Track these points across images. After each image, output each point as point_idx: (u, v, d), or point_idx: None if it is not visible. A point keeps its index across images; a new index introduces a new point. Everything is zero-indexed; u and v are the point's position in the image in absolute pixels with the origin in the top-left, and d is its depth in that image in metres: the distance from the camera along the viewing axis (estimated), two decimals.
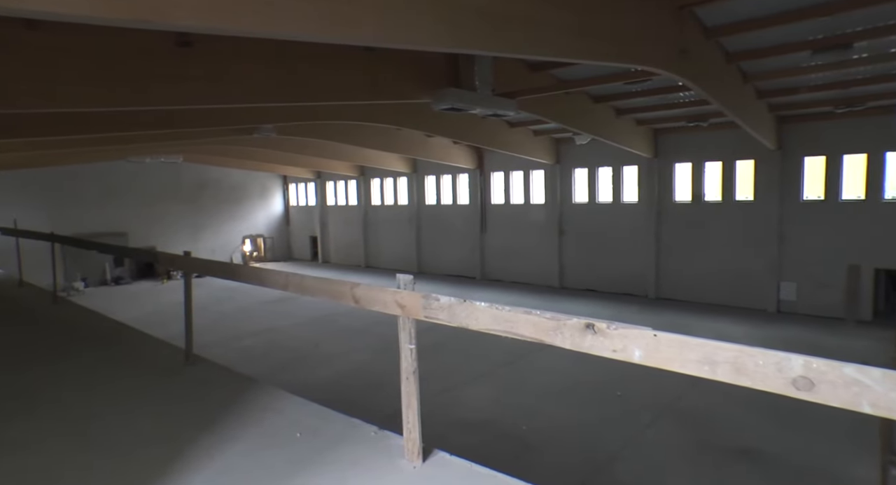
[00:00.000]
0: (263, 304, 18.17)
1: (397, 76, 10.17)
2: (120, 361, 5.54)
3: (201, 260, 5.16)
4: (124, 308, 17.72)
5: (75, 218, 24.48)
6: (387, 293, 3.05)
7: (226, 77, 8.66)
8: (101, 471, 3.25)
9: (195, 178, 29.47)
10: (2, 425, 4.02)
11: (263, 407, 4.02)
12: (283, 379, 10.16)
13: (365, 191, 29.32)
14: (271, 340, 14.08)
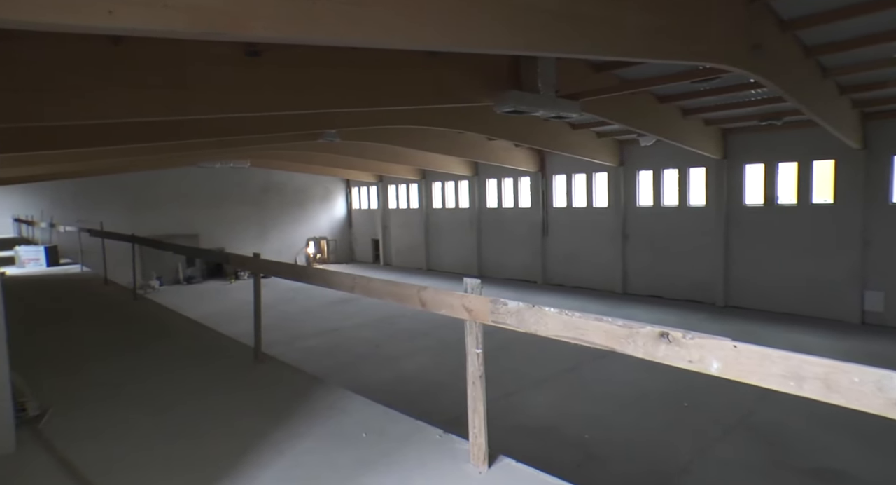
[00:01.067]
0: (326, 305, 18.60)
1: (460, 80, 10.21)
2: (194, 357, 5.81)
3: (270, 261, 5.33)
4: (195, 306, 18.53)
5: (152, 220, 25.85)
6: (454, 297, 3.05)
7: (293, 84, 8.93)
8: (180, 460, 3.40)
9: (261, 182, 30.56)
10: (90, 412, 4.27)
11: (330, 406, 4.10)
12: (345, 379, 10.35)
13: (426, 194, 29.56)
14: (334, 340, 14.39)
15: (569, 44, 6.18)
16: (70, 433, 3.88)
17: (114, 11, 4.07)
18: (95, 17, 4.06)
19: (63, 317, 8.31)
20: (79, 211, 23.22)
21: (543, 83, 10.51)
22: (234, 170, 26.83)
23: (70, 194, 24.85)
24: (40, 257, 15.12)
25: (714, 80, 10.96)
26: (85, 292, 10.79)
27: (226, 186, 29.18)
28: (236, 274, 27.49)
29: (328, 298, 18.91)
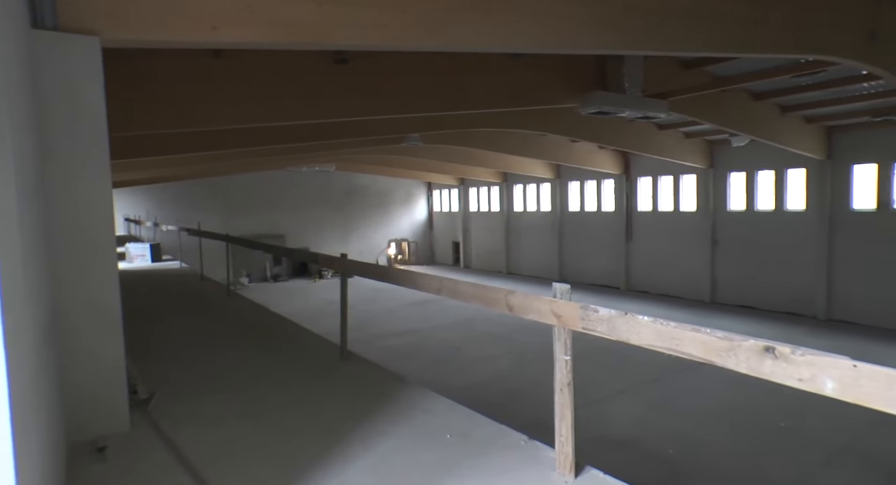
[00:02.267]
0: (406, 306, 18.91)
1: (543, 81, 10.10)
2: (284, 351, 6.07)
3: (357, 262, 5.47)
4: (282, 303, 19.34)
5: (242, 221, 27.27)
6: (543, 302, 3.00)
7: (378, 90, 9.16)
8: (271, 450, 3.55)
9: (345, 185, 31.55)
10: (190, 399, 4.56)
11: (413, 406, 4.15)
12: (425, 380, 10.45)
13: (507, 197, 29.46)
14: (414, 341, 14.60)
15: (664, 40, 5.97)
16: (173, 417, 4.16)
17: (217, 27, 4.35)
18: (201, 33, 4.36)
19: (165, 309, 8.92)
20: (178, 212, 24.91)
21: (630, 82, 10.22)
22: (319, 173, 27.85)
23: (171, 197, 26.69)
24: (146, 254, 16.30)
25: (819, 73, 10.25)
26: (184, 287, 11.53)
27: (311, 190, 30.35)
28: (320, 273, 28.51)
29: (408, 300, 19.21)
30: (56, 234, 3.69)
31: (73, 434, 3.71)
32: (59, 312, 3.67)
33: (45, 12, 3.70)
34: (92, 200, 3.85)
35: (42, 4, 3.68)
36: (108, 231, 3.97)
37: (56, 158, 3.69)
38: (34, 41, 3.60)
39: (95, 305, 3.84)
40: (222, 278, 11.93)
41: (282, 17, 4.41)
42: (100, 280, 3.87)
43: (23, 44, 3.18)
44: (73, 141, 3.77)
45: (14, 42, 2.69)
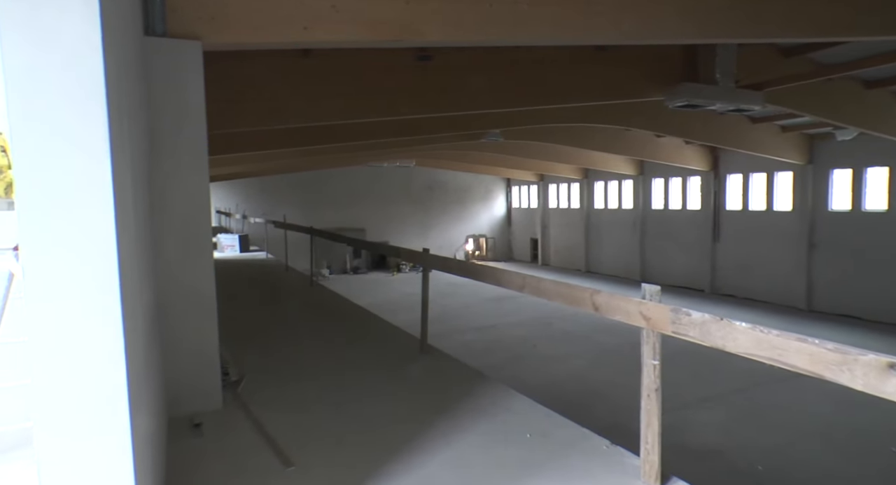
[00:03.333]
0: (483, 302, 18.92)
1: (628, 74, 9.75)
2: (366, 342, 6.23)
3: (439, 257, 5.51)
4: (361, 295, 19.81)
5: (324, 215, 28.13)
6: (631, 303, 2.90)
7: (459, 86, 9.16)
8: (353, 437, 3.66)
9: (425, 180, 31.92)
10: (276, 383, 4.78)
11: (494, 403, 4.14)
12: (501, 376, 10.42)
13: (587, 194, 28.81)
14: (491, 337, 14.59)
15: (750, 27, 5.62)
16: (260, 399, 4.38)
17: (308, 27, 4.51)
18: (293, 34, 4.53)
19: (253, 297, 9.37)
20: (264, 205, 26.07)
21: (722, 73, 9.66)
22: (400, 169, 28.35)
23: (258, 190, 27.96)
24: (235, 244, 17.20)
25: None
26: (270, 276, 12.08)
27: (392, 185, 30.94)
28: (398, 267, 29.04)
29: (485, 296, 19.22)
30: (161, 224, 3.95)
31: (173, 410, 3.97)
32: (163, 296, 3.93)
33: (155, 21, 3.97)
34: (192, 193, 4.10)
35: (154, 14, 3.95)
36: (206, 223, 4.23)
37: (162, 154, 3.95)
38: (146, 47, 3.87)
39: (194, 292, 4.10)
40: (305, 269, 12.40)
41: (371, 15, 4.51)
42: (198, 268, 4.12)
43: (138, 51, 3.42)
44: (176, 139, 4.03)
45: (133, 51, 2.90)
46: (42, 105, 1.80)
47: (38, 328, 1.83)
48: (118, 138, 2.01)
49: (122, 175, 2.09)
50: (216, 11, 4.20)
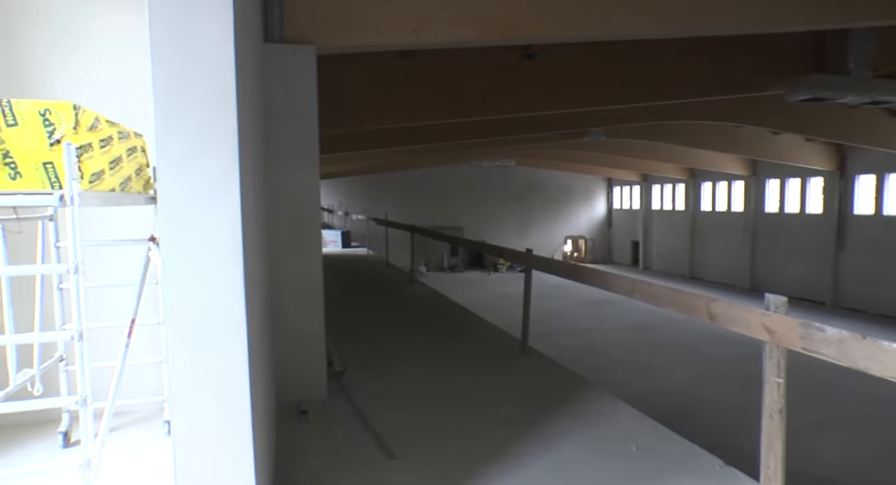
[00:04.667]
0: (582, 304, 18.48)
1: (745, 66, 9.05)
2: (465, 340, 6.26)
3: (542, 258, 5.43)
4: (457, 293, 19.84)
5: (423, 213, 28.58)
6: (752, 314, 2.69)
7: (563, 84, 8.97)
8: (453, 435, 3.68)
9: (524, 180, 31.65)
10: (378, 375, 4.91)
11: (596, 410, 4.02)
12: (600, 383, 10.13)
13: (693, 195, 27.36)
14: (589, 341, 14.21)
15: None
16: (363, 390, 4.51)
17: (418, 30, 4.58)
18: (403, 36, 4.63)
19: (355, 291, 9.70)
20: (365, 202, 26.96)
21: (856, 61, 8.72)
22: (499, 168, 28.33)
23: (359, 188, 28.96)
24: (338, 240, 17.93)
25: None
26: (371, 272, 12.46)
27: (491, 184, 30.96)
28: (495, 266, 29.03)
29: (583, 298, 18.75)
30: (274, 220, 4.16)
31: (281, 395, 4.18)
32: (274, 288, 4.15)
33: (274, 28, 4.19)
34: (304, 190, 4.30)
35: (273, 22, 4.18)
36: (315, 219, 4.43)
37: (277, 154, 4.16)
38: (264, 53, 4.09)
39: (304, 284, 4.30)
40: (404, 265, 12.68)
41: (481, 14, 4.51)
42: (308, 262, 4.32)
43: (258, 57, 3.63)
44: (290, 138, 4.23)
45: (255, 58, 3.09)
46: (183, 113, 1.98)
47: (173, 311, 2.00)
48: (244, 141, 2.15)
49: (246, 174, 2.22)
50: (330, 17, 4.38)
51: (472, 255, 30.35)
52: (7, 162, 2.47)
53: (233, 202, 2.00)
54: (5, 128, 2.43)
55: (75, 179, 2.42)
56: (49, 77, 3.97)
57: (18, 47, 3.93)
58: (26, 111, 2.44)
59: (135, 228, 3.92)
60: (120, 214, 3.98)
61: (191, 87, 1.96)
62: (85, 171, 2.57)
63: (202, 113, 1.97)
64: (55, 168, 2.50)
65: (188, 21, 1.94)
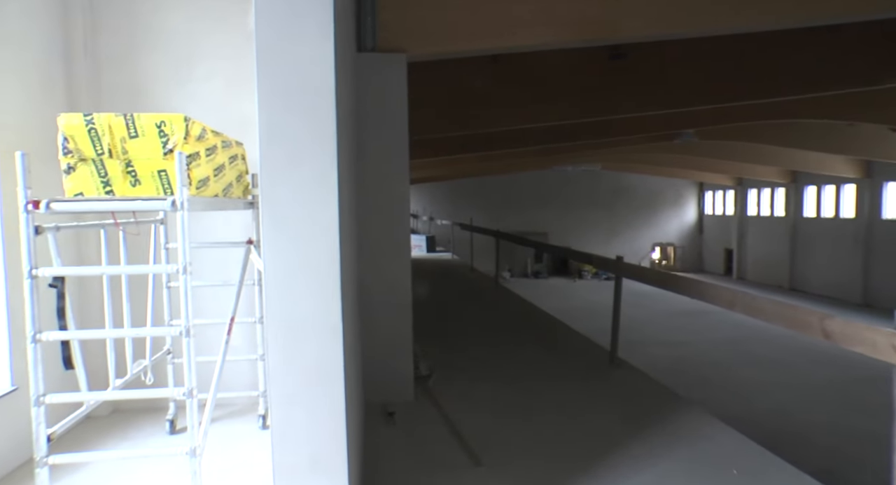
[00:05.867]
0: (670, 315, 17.71)
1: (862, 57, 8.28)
2: (551, 348, 6.15)
3: (633, 265, 5.24)
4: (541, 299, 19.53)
5: (506, 218, 28.37)
6: (880, 334, 2.44)
7: (654, 84, 8.63)
8: (540, 445, 3.61)
9: (611, 184, 30.79)
10: (465, 383, 4.90)
11: (693, 429, 3.80)
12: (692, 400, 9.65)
13: (795, 199, 25.54)
14: (678, 354, 13.57)
15: None
16: (450, 395, 4.52)
17: (507, 33, 4.56)
18: (501, 39, 4.62)
19: (440, 295, 9.77)
20: (449, 208, 27.19)
21: None
22: (585, 173, 27.69)
23: (443, 193, 29.22)
24: (422, 244, 18.17)
25: None
26: (456, 276, 12.53)
27: (576, 189, 30.36)
28: (580, 273, 28.42)
29: (674, 309, 17.96)
30: (365, 225, 4.25)
31: (368, 396, 4.26)
32: (364, 290, 4.24)
33: (367, 38, 4.30)
34: (394, 195, 4.38)
35: (366, 31, 4.28)
36: (405, 223, 4.50)
37: (368, 160, 4.26)
38: (357, 62, 4.21)
39: (393, 287, 4.37)
40: (488, 271, 12.65)
41: (574, 15, 4.42)
42: (397, 266, 4.39)
43: (352, 66, 3.74)
44: (381, 144, 4.32)
45: (349, 67, 3.18)
46: (285, 121, 2.08)
47: (272, 311, 2.09)
48: (341, 148, 2.21)
49: (342, 180, 2.29)
50: (421, 25, 4.44)
51: (556, 261, 29.86)
52: (129, 171, 2.68)
53: (331, 207, 2.07)
54: (129, 140, 2.64)
55: (185, 186, 2.59)
56: (162, 91, 4.28)
57: (139, 66, 4.26)
58: (146, 124, 2.64)
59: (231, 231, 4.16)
60: (218, 218, 4.23)
61: (293, 96, 2.05)
62: (193, 178, 2.74)
63: (303, 121, 2.05)
64: (168, 175, 2.68)
65: (292, 35, 2.03)
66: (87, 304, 3.93)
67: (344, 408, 2.11)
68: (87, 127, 2.60)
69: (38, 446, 2.57)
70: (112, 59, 4.23)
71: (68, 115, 2.62)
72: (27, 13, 3.79)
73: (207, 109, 4.02)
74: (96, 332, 3.63)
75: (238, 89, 4.29)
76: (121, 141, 2.63)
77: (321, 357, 2.10)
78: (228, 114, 4.17)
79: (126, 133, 2.63)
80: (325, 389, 2.10)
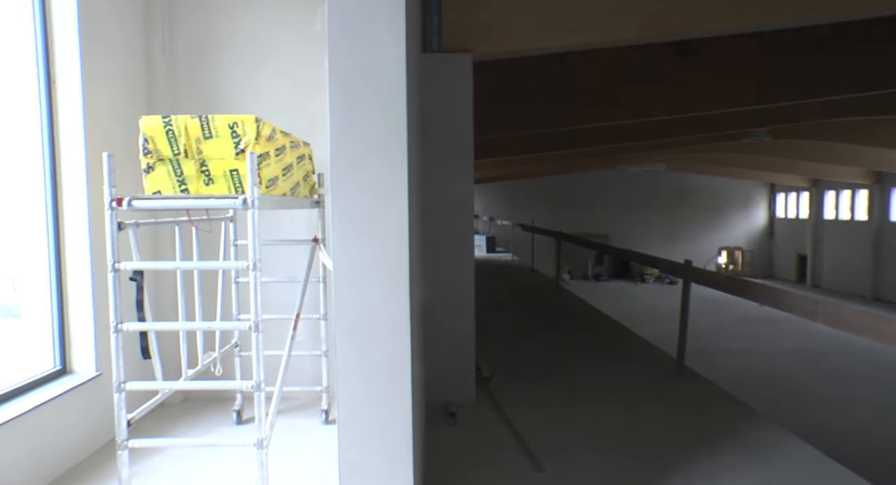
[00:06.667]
0: (737, 322, 16.96)
1: None
2: (613, 353, 6.00)
3: (703, 270, 5.05)
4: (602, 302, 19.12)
5: (567, 219, 27.97)
6: None
7: (725, 80, 8.29)
8: (605, 453, 3.51)
9: (675, 185, 29.79)
10: (527, 387, 4.83)
11: (768, 446, 3.60)
12: None
13: (881, 202, 23.87)
14: (745, 364, 12.97)
15: None
16: (511, 397, 4.48)
17: (575, 31, 4.46)
18: (560, 39, 4.54)
19: (501, 296, 9.70)
20: (509, 208, 27.01)
21: None
22: (648, 173, 26.93)
23: (503, 193, 29.02)
24: (482, 245, 18.11)
25: None
26: (517, 278, 12.44)
27: (639, 190, 29.56)
28: (642, 277, 27.65)
29: (740, 316, 17.21)
30: (429, 224, 4.25)
31: (430, 396, 4.26)
32: (428, 290, 4.24)
33: (432, 38, 4.30)
34: (458, 196, 4.37)
35: (431, 32, 4.29)
36: (468, 224, 4.48)
37: (433, 160, 4.26)
38: (422, 62, 4.22)
39: (455, 288, 4.37)
40: (548, 272, 12.48)
41: (643, 10, 4.29)
42: (460, 266, 4.38)
43: (417, 66, 3.75)
44: (446, 145, 4.31)
45: (416, 67, 3.20)
46: (356, 122, 2.09)
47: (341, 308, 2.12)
48: (410, 148, 2.21)
49: (411, 180, 2.29)
50: (487, 24, 4.41)
51: (617, 264, 29.15)
52: (203, 170, 2.77)
53: (401, 206, 2.07)
54: (203, 140, 2.73)
55: (255, 185, 2.65)
56: (232, 92, 4.43)
57: (212, 68, 4.43)
58: (220, 125, 2.72)
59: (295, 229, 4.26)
60: (283, 216, 4.34)
61: (364, 96, 2.07)
62: (263, 177, 2.81)
63: (374, 121, 2.07)
64: (239, 175, 2.76)
65: (364, 36, 2.04)
66: (160, 297, 4.11)
67: (411, 408, 2.11)
68: (165, 128, 2.70)
69: (120, 430, 2.69)
70: (187, 61, 4.42)
71: (148, 117, 2.74)
72: (118, 17, 3.99)
73: (275, 110, 4.13)
74: (172, 324, 3.79)
75: (305, 90, 4.39)
76: (196, 141, 2.72)
77: (390, 356, 2.11)
78: (295, 114, 4.27)
79: (201, 134, 2.72)
80: (392, 388, 2.11)
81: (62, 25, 3.54)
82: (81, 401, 3.52)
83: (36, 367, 3.55)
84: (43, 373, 3.51)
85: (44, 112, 3.54)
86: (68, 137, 3.59)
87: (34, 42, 3.49)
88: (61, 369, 3.65)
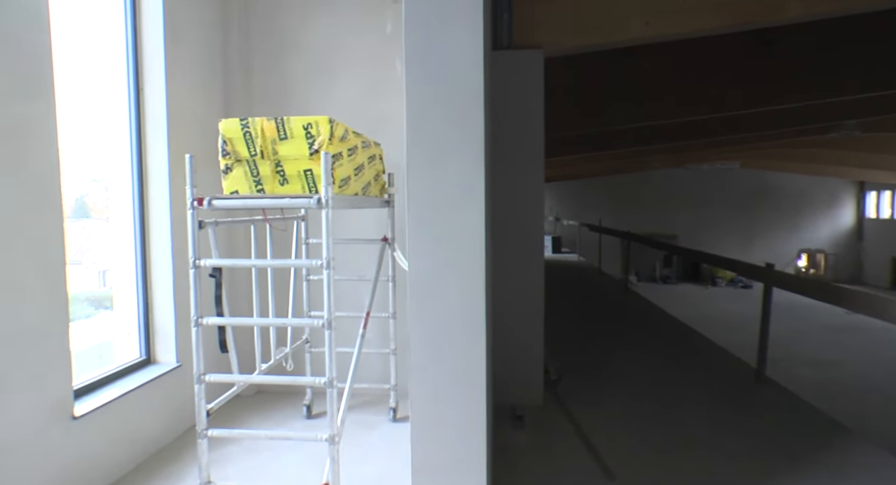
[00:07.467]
0: (821, 330, 15.95)
1: None
2: (688, 361, 5.75)
3: (786, 274, 4.76)
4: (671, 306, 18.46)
5: (634, 219, 27.14)
6: None
7: (810, 70, 7.81)
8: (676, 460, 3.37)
9: (751, 184, 28.39)
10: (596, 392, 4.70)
11: (862, 466, 3.34)
12: None
13: None
14: (829, 376, 12.16)
15: None
16: (579, 401, 4.39)
17: (650, 23, 4.30)
18: (635, 31, 4.38)
19: (568, 298, 9.52)
20: (575, 208, 26.51)
21: None
22: (720, 171, 25.77)
23: (568, 193, 28.50)
24: (547, 245, 17.87)
25: None
26: (583, 279, 12.19)
27: (710, 188, 28.36)
28: (713, 280, 26.51)
29: (823, 323, 16.19)
30: (499, 224, 4.20)
31: (497, 398, 4.22)
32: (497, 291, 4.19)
33: (503, 36, 4.25)
34: (528, 195, 4.30)
35: (501, 30, 4.24)
36: (539, 224, 4.39)
37: (503, 159, 4.21)
38: (493, 59, 4.17)
39: (525, 289, 4.31)
40: (614, 274, 12.16)
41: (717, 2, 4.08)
42: (530, 267, 4.32)
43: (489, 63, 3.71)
44: (516, 144, 4.26)
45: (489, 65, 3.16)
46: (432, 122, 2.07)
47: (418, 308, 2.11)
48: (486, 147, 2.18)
49: (487, 179, 2.25)
50: (558, 19, 4.32)
51: (686, 266, 28.05)
52: (278, 170, 2.84)
53: (478, 207, 2.04)
54: (279, 142, 2.79)
55: (329, 185, 2.69)
56: (304, 93, 4.54)
57: (286, 70, 4.55)
58: (294, 126, 2.78)
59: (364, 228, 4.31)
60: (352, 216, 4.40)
61: (441, 96, 2.05)
62: (336, 177, 2.84)
63: (451, 121, 2.05)
64: (313, 175, 2.80)
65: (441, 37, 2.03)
66: (233, 293, 4.26)
67: (484, 409, 2.09)
68: (243, 130, 2.78)
69: (199, 419, 2.80)
70: (262, 65, 4.56)
71: (227, 120, 2.83)
72: (198, 26, 4.17)
73: (346, 110, 4.19)
74: (249, 320, 3.92)
75: (375, 90, 4.44)
76: (272, 143, 2.79)
77: (465, 357, 2.09)
78: (366, 114, 4.33)
79: (276, 135, 2.78)
80: (467, 389, 2.09)
81: (150, 36, 3.73)
82: (163, 390, 3.70)
83: (125, 356, 3.77)
84: (130, 362, 3.72)
85: (132, 118, 3.74)
86: (153, 141, 3.78)
87: (125, 53, 3.70)
88: (146, 359, 3.84)
